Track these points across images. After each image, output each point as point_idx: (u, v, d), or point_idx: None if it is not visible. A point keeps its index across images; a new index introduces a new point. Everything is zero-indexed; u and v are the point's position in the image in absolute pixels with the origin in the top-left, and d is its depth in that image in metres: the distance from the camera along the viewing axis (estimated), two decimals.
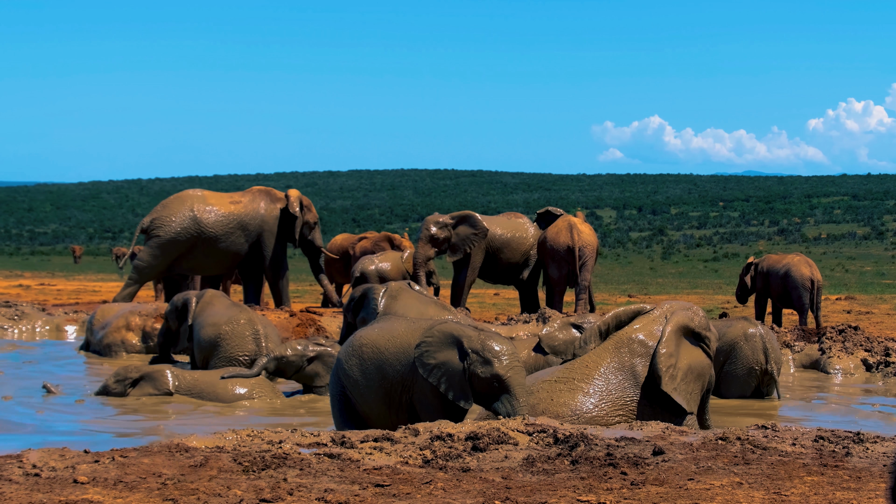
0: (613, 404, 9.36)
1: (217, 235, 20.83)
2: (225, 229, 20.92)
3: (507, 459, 7.77)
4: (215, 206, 21.06)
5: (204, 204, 21.00)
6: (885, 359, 16.04)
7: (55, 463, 7.18)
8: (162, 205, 21.14)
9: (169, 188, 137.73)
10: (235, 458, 7.47)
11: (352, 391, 9.67)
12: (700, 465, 7.64)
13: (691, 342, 9.85)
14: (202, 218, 20.80)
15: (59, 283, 37.42)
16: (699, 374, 9.78)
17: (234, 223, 21.02)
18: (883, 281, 39.06)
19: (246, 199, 21.45)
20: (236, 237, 20.99)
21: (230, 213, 21.04)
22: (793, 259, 21.18)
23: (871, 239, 71.24)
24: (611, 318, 9.88)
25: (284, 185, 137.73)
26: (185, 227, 20.73)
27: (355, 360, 9.68)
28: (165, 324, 15.26)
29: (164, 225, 20.75)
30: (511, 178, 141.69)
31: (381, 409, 9.55)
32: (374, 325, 10.00)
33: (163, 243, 20.80)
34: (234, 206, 21.18)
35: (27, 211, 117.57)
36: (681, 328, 9.76)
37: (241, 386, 12.80)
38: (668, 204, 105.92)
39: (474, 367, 9.19)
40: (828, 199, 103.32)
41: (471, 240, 21.77)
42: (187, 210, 20.84)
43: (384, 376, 9.53)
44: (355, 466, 7.48)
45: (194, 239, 20.80)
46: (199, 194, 21.34)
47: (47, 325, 20.23)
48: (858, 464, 7.81)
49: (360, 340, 9.77)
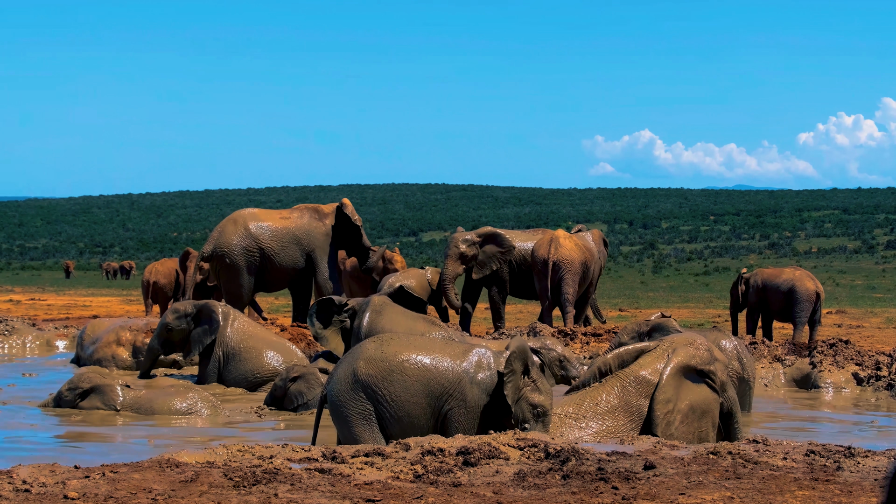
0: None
1: (275, 251, 21.03)
2: (281, 244, 21.10)
3: (498, 474, 7.76)
4: (268, 223, 21.25)
5: (257, 221, 21.19)
6: (876, 373, 16.04)
7: (45, 478, 7.16)
8: (217, 231, 21.27)
9: (159, 203, 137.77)
10: (226, 474, 7.46)
11: (387, 408, 9.57)
12: (691, 479, 7.64)
13: (694, 380, 9.81)
14: (258, 235, 20.98)
15: (49, 297, 37.38)
16: (704, 411, 9.75)
17: (288, 238, 21.21)
18: (873, 295, 39.14)
19: (294, 215, 21.65)
20: (292, 252, 21.18)
21: (284, 229, 21.24)
22: (794, 273, 21.11)
23: (861, 253, 71.39)
24: (613, 359, 9.93)
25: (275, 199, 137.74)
26: (245, 246, 20.91)
27: (398, 377, 9.57)
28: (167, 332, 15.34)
29: (228, 250, 20.91)
30: (502, 193, 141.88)
31: (422, 424, 9.52)
32: (399, 340, 9.89)
33: (237, 267, 20.94)
34: (285, 221, 21.38)
35: (17, 226, 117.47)
36: (681, 369, 9.74)
37: (182, 401, 12.81)
38: (658, 218, 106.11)
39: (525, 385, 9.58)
40: (818, 213, 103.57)
41: (497, 257, 21.95)
42: (242, 229, 21.00)
43: (430, 392, 9.53)
44: (346, 481, 7.47)
45: (257, 256, 20.98)
46: (250, 213, 21.60)
47: (38, 341, 20.19)
48: (850, 478, 7.81)
49: (398, 357, 9.67)
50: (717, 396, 9.87)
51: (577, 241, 21.81)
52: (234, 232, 20.94)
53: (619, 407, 9.59)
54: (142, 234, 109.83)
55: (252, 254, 20.85)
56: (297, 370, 13.62)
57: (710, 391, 9.83)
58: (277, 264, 21.04)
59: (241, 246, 20.83)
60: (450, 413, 9.48)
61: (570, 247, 21.63)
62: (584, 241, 22.05)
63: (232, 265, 20.81)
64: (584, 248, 21.86)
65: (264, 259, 20.93)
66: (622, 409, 9.59)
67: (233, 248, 20.80)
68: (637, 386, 9.68)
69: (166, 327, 15.30)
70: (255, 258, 20.87)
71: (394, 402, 9.51)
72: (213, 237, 21.09)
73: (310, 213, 21.70)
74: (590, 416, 9.51)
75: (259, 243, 20.86)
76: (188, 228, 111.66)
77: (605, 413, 9.55)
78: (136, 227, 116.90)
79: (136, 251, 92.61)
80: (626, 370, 9.81)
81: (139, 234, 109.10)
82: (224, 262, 20.82)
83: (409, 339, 9.87)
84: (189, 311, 15.32)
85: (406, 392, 9.51)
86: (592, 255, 21.87)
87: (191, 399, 12.89)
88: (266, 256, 20.93)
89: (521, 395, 9.48)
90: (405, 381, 9.53)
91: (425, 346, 9.74)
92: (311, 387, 13.41)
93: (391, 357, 9.63)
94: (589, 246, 22.07)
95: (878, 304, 33.17)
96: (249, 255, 20.85)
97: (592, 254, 21.91)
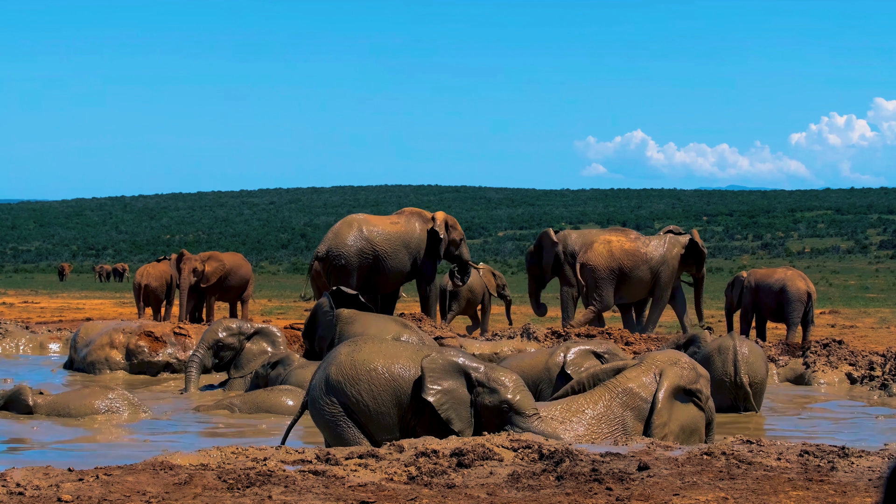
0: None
1: (388, 254, 21.54)
2: (392, 248, 21.63)
3: (492, 475, 7.76)
4: (380, 227, 21.79)
5: (370, 226, 21.71)
6: (870, 373, 16.07)
7: (39, 481, 7.15)
8: (332, 232, 21.76)
9: (153, 205, 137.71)
10: (220, 476, 7.45)
11: (359, 416, 9.54)
12: (685, 480, 7.64)
13: (683, 400, 9.91)
14: (372, 239, 21.47)
15: (42, 300, 37.34)
16: (692, 430, 9.87)
17: (398, 242, 21.74)
18: (867, 295, 39.19)
19: (402, 219, 22.19)
20: (402, 255, 21.73)
21: (394, 233, 21.79)
22: (786, 273, 21.16)
23: (854, 253, 71.52)
24: (588, 379, 10.04)
25: (268, 200, 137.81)
26: (360, 248, 21.37)
27: (364, 385, 9.53)
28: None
29: (343, 252, 21.34)
30: (495, 194, 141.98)
31: (392, 433, 9.46)
32: (371, 346, 9.84)
33: (350, 269, 21.37)
34: (395, 225, 21.93)
35: (10, 228, 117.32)
36: (673, 391, 9.82)
37: (99, 400, 12.78)
38: (651, 219, 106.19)
39: (482, 398, 9.27)
40: (811, 214, 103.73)
41: (548, 260, 22.91)
42: (356, 232, 21.49)
43: (399, 402, 9.47)
44: (340, 483, 7.47)
45: (371, 259, 21.46)
46: (363, 217, 22.10)
47: (31, 343, 20.16)
48: (844, 478, 7.81)
49: (365, 364, 9.63)
50: (703, 414, 10.03)
51: (614, 245, 22.22)
52: (350, 234, 21.46)
53: (606, 418, 9.63)
54: (135, 236, 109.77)
55: (366, 256, 21.37)
56: (275, 356, 13.86)
57: (697, 409, 9.98)
58: (388, 267, 21.59)
59: (356, 248, 21.33)
60: (419, 423, 9.43)
61: (601, 251, 22.10)
62: (633, 243, 22.29)
63: (344, 266, 21.29)
64: (621, 251, 22.13)
65: (376, 262, 21.48)
66: (609, 419, 9.64)
67: (348, 250, 21.30)
68: (623, 398, 9.73)
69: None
70: (368, 260, 21.40)
71: (363, 407, 9.50)
72: (327, 238, 21.66)
73: (416, 217, 22.30)
74: (577, 421, 9.54)
75: (373, 246, 21.41)
76: (181, 231, 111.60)
77: (592, 421, 9.58)
78: (128, 229, 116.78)
79: (129, 254, 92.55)
80: (615, 380, 9.90)
81: (132, 237, 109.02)
82: (337, 264, 21.32)
83: (383, 346, 9.81)
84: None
85: (374, 400, 9.49)
86: (632, 260, 22.11)
87: (108, 399, 12.87)
88: (378, 259, 21.48)
89: (480, 405, 9.34)
90: (373, 390, 9.50)
91: (399, 355, 9.67)
92: (290, 368, 13.81)
93: (357, 362, 9.60)
94: (631, 249, 22.28)
95: (872, 304, 33.22)
96: (363, 258, 21.36)
97: (633, 257, 22.13)
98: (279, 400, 13.26)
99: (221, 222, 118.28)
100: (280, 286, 48.15)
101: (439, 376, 9.35)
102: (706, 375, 10.21)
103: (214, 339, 15.46)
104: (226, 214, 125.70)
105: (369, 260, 21.40)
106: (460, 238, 22.55)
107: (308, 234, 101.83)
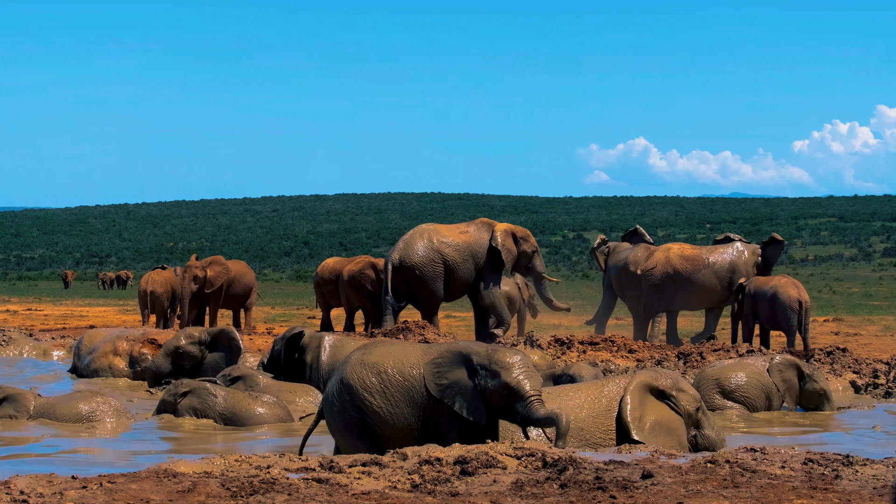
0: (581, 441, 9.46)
1: (456, 264, 22.02)
2: (461, 257, 22.10)
3: (495, 483, 7.75)
4: (450, 238, 22.23)
5: (440, 236, 22.20)
6: (874, 380, 16.04)
7: (43, 489, 7.15)
8: (403, 242, 22.27)
9: (156, 213, 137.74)
10: (223, 484, 7.45)
11: (373, 419, 9.54)
12: (689, 488, 7.63)
13: (657, 397, 9.89)
14: (442, 249, 21.99)
15: (46, 308, 37.34)
16: (669, 428, 9.75)
17: (467, 252, 22.18)
18: (870, 302, 39.14)
19: (472, 229, 22.56)
20: (469, 265, 22.17)
21: (462, 243, 22.21)
22: (780, 281, 21.21)
23: (858, 260, 71.47)
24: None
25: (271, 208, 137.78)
26: (430, 258, 21.90)
27: (376, 387, 9.53)
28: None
29: (414, 261, 21.89)
30: (498, 201, 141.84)
31: (410, 434, 9.45)
32: (381, 348, 9.85)
33: (426, 277, 21.91)
34: (464, 235, 22.35)
35: (14, 236, 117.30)
36: (643, 385, 9.83)
37: (86, 405, 12.75)
38: (654, 226, 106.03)
39: (484, 381, 9.25)
40: (814, 221, 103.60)
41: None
42: (427, 242, 22.01)
43: (412, 401, 9.47)
44: (343, 491, 7.46)
45: (440, 268, 21.95)
46: (433, 227, 22.61)
47: (34, 351, 20.17)
48: (848, 486, 7.80)
49: (375, 366, 9.63)
50: (680, 419, 9.86)
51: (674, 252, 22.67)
52: (419, 244, 21.97)
53: (585, 411, 9.63)
54: (138, 244, 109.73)
55: (436, 265, 21.89)
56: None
57: (673, 413, 9.85)
58: (458, 276, 22.09)
59: (427, 258, 21.87)
60: (440, 419, 9.43)
61: (660, 258, 22.66)
62: (695, 250, 22.97)
63: (421, 276, 21.86)
64: (661, 260, 22.61)
65: (447, 271, 21.98)
66: (589, 414, 9.64)
67: (420, 260, 21.84)
68: (601, 398, 9.73)
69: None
70: (439, 269, 21.90)
71: (377, 409, 9.49)
72: (398, 247, 22.19)
73: (486, 228, 22.64)
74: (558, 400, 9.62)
75: (442, 256, 21.92)
76: (184, 238, 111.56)
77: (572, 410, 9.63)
78: (132, 237, 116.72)
79: (132, 261, 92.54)
80: (590, 385, 9.96)
81: (135, 245, 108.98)
82: (413, 274, 21.89)
83: (395, 348, 9.82)
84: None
85: (387, 401, 9.48)
86: (669, 268, 22.37)
87: (95, 405, 12.84)
88: (449, 268, 21.98)
89: (483, 389, 9.31)
90: (386, 392, 9.50)
91: (410, 355, 9.68)
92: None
93: (368, 366, 9.61)
94: (664, 259, 22.64)
95: (875, 312, 33.18)
96: (434, 267, 21.89)
97: (672, 266, 22.40)
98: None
99: (224, 230, 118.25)
100: (283, 293, 48.13)
101: (444, 369, 9.38)
102: (696, 396, 10.03)
103: (174, 346, 15.67)
104: (229, 222, 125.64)
105: (439, 269, 21.87)
106: (532, 250, 22.85)
107: (311, 241, 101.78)
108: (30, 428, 12.42)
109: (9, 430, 12.32)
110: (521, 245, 22.62)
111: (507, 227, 22.61)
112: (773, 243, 23.30)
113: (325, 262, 26.26)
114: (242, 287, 26.56)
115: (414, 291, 22.09)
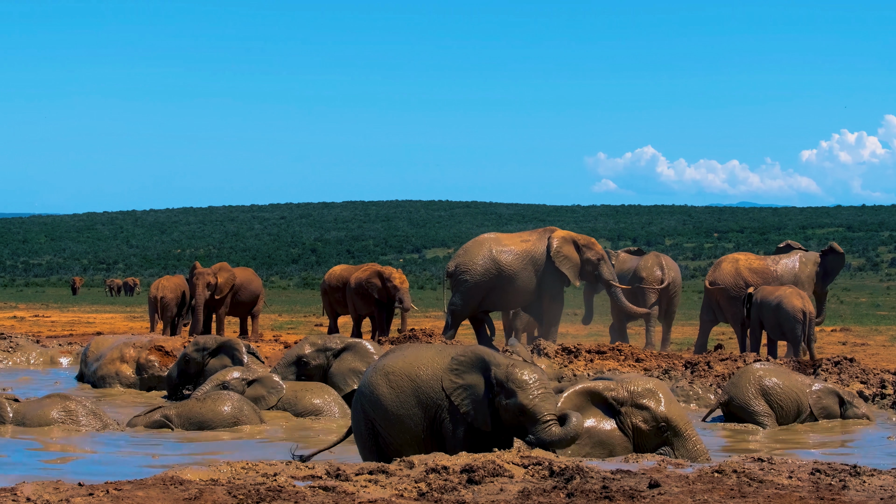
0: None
1: (515, 272, 21.98)
2: (520, 266, 22.03)
3: (502, 492, 7.74)
4: (510, 246, 22.21)
5: (499, 245, 22.20)
6: (881, 391, 16.01)
7: (49, 496, 7.15)
8: (463, 250, 22.46)
9: (163, 219, 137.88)
10: (230, 491, 7.44)
11: (382, 423, 9.56)
12: (696, 497, 7.62)
13: (603, 411, 9.90)
14: (500, 258, 21.96)
15: (53, 314, 37.37)
16: (599, 441, 9.74)
17: (527, 260, 22.12)
18: (878, 312, 39.07)
19: (534, 237, 22.56)
20: (529, 273, 22.10)
21: (523, 251, 22.19)
22: (785, 291, 21.17)
23: (865, 270, 71.39)
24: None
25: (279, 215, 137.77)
26: (487, 268, 21.89)
27: (384, 388, 9.55)
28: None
29: (469, 269, 21.94)
30: (505, 209, 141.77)
31: (418, 438, 9.45)
32: (396, 353, 9.89)
33: (471, 286, 21.95)
34: (525, 244, 22.32)
35: (21, 242, 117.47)
36: (585, 392, 9.89)
37: (59, 411, 12.76)
38: (662, 235, 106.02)
39: (499, 399, 9.24)
40: (822, 230, 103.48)
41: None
42: (486, 251, 22.02)
43: (421, 402, 9.47)
44: (350, 499, 7.45)
45: (495, 278, 21.94)
46: (494, 237, 22.66)
47: (41, 357, 20.19)
48: (855, 497, 7.78)
49: (384, 369, 9.66)
50: (622, 435, 9.80)
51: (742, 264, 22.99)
52: (479, 253, 22.01)
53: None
54: (145, 250, 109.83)
55: (490, 275, 21.87)
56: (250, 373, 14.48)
57: (614, 426, 9.81)
58: (514, 286, 22.02)
59: (482, 267, 21.88)
60: (443, 424, 9.43)
61: (728, 270, 22.90)
62: (761, 261, 23.22)
63: (469, 283, 21.87)
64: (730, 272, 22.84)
65: (501, 280, 21.93)
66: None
67: (474, 268, 21.88)
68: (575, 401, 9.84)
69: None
70: (492, 279, 21.86)
71: (385, 411, 9.50)
72: (458, 255, 22.40)
73: (546, 235, 22.54)
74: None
75: (498, 265, 21.91)
76: (192, 245, 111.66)
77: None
78: (139, 243, 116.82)
79: (139, 268, 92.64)
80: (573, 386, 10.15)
81: (143, 251, 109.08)
82: (462, 280, 21.94)
83: (408, 352, 9.83)
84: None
85: (396, 403, 9.49)
86: (740, 280, 22.74)
87: (69, 410, 12.88)
88: (503, 278, 21.94)
89: (497, 405, 9.33)
90: (397, 394, 9.52)
91: (422, 357, 9.69)
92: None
93: (381, 370, 9.66)
94: (733, 270, 22.94)
95: (883, 322, 33.11)
96: (487, 276, 21.87)
97: (742, 279, 22.73)
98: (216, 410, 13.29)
99: (232, 237, 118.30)
100: (290, 301, 48.13)
101: (463, 370, 9.41)
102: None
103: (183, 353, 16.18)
104: (236, 229, 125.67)
105: (493, 278, 21.83)
106: (597, 258, 22.62)
107: (318, 248, 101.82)
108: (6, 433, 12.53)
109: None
110: (585, 253, 22.46)
111: (566, 235, 22.49)
112: (831, 253, 23.39)
113: (333, 270, 26.24)
114: (249, 294, 26.56)
115: (454, 295, 22.13)
